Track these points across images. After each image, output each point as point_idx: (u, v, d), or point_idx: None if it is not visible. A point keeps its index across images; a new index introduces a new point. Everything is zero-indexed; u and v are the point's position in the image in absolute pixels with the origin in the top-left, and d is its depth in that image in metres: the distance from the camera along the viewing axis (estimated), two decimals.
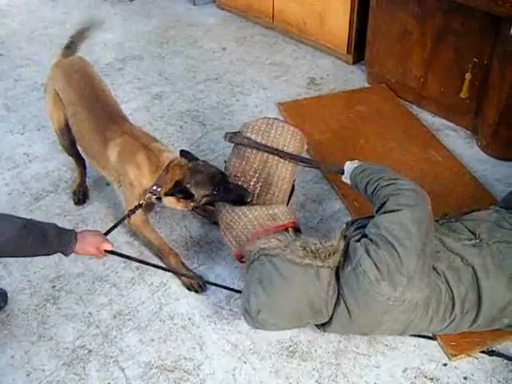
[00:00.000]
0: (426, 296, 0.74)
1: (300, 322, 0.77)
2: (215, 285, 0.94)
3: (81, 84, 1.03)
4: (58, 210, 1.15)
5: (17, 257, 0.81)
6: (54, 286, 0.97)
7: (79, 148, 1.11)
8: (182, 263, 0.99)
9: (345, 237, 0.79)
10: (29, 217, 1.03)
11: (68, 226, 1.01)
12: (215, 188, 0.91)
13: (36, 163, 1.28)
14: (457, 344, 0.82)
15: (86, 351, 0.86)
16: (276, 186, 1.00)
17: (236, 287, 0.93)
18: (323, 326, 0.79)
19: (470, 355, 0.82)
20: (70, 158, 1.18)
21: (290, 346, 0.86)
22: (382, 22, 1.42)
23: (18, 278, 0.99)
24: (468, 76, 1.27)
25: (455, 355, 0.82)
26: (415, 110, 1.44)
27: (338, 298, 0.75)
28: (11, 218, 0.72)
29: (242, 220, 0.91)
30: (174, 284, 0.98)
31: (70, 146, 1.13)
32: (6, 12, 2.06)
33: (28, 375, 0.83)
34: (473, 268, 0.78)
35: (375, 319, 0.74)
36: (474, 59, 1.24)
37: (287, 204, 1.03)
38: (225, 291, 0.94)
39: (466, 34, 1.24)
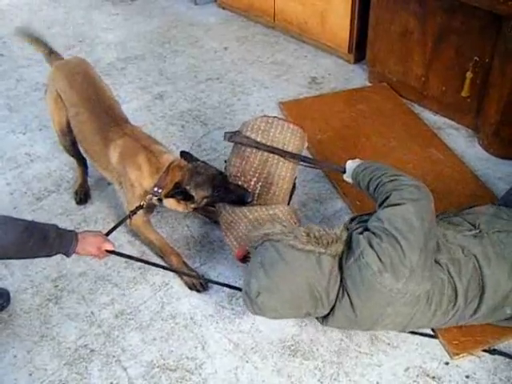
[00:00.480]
0: (428, 289, 0.74)
1: (299, 309, 0.75)
2: (217, 283, 0.93)
3: (83, 86, 1.04)
4: (60, 210, 1.14)
5: (18, 259, 0.82)
6: (56, 286, 0.97)
7: (81, 149, 1.12)
8: (184, 262, 0.99)
9: (347, 229, 0.79)
10: (31, 217, 1.05)
11: (70, 226, 1.04)
12: (215, 189, 0.91)
13: (38, 163, 1.29)
14: (459, 343, 0.82)
15: (89, 351, 0.86)
16: (277, 186, 0.99)
17: (238, 286, 0.92)
18: (325, 319, 0.78)
19: (472, 354, 0.82)
20: (72, 158, 1.18)
21: (292, 345, 0.86)
22: (383, 21, 1.41)
23: (20, 277, 0.99)
24: (469, 75, 1.26)
25: (457, 354, 0.82)
26: (417, 108, 1.43)
27: (341, 290, 0.74)
28: (13, 221, 0.72)
29: (243, 221, 0.91)
30: (176, 283, 0.98)
31: (71, 147, 1.14)
32: (7, 12, 2.06)
33: (30, 375, 0.83)
34: (475, 257, 0.77)
35: (378, 312, 0.74)
36: (475, 58, 1.24)
37: (288, 203, 1.03)
38: (227, 290, 0.94)
39: (466, 32, 1.23)
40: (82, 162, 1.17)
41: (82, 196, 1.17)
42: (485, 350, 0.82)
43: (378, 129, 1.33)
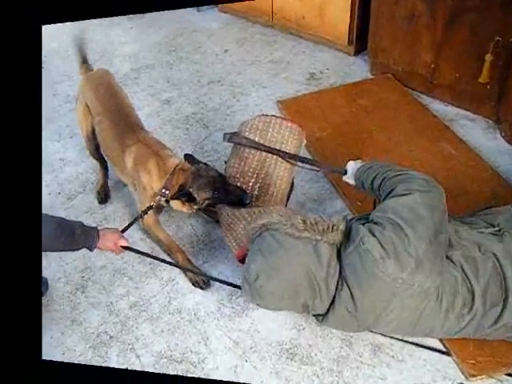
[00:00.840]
0: (438, 284, 0.55)
1: (297, 299, 0.59)
2: (219, 280, 0.78)
3: (106, 96, 0.93)
4: (85, 209, 1.04)
5: (51, 251, 0.75)
6: (82, 277, 0.88)
7: (103, 154, 1.01)
8: (189, 260, 0.85)
9: (346, 224, 0.61)
10: (64, 215, 0.93)
11: (93, 224, 0.89)
12: (215, 191, 0.79)
13: (69, 167, 1.18)
14: (475, 362, 0.58)
15: (108, 337, 0.76)
16: (274, 186, 0.80)
17: (238, 284, 0.74)
18: (325, 317, 0.61)
19: (491, 377, 0.57)
20: (95, 161, 1.07)
21: (290, 349, 0.68)
22: (386, 7, 1.02)
23: (56, 268, 0.90)
24: (488, 57, 0.87)
25: (474, 375, 0.58)
26: (425, 99, 1.07)
27: (340, 282, 0.57)
28: (49, 218, 0.65)
29: (242, 222, 0.75)
30: (182, 279, 0.83)
31: (95, 151, 1.04)
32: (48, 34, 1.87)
33: (63, 354, 0.75)
34: (494, 256, 0.57)
35: (381, 305, 0.56)
36: (497, 37, 0.85)
37: (286, 204, 0.82)
38: (227, 289, 0.78)
39: (486, 9, 0.83)
40: (103, 165, 1.06)
41: (103, 196, 1.06)
42: (508, 374, 0.57)
43: (380, 123, 1.00)
